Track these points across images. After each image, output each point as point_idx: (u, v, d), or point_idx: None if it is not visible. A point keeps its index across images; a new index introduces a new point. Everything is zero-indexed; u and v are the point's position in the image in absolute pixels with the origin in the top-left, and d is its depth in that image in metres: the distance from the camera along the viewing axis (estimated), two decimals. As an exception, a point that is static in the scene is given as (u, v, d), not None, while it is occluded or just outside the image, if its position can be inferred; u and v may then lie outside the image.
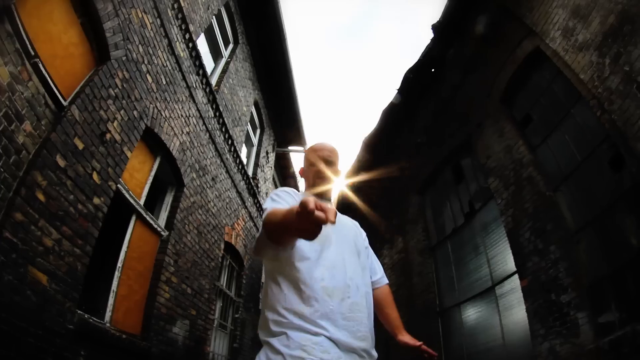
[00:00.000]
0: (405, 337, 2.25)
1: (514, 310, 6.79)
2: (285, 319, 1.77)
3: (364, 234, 2.46)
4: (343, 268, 1.95)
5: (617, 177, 5.41)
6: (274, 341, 1.74)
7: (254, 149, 12.45)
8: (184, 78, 6.75)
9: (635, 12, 4.75)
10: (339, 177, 2.31)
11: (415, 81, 9.21)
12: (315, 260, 1.90)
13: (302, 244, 1.90)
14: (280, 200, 2.01)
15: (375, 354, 1.93)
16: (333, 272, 1.90)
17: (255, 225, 11.40)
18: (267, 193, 13.57)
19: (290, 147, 15.76)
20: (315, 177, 2.27)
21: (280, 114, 13.92)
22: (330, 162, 2.27)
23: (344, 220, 2.31)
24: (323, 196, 2.28)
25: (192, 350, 6.82)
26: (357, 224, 2.46)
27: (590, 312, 5.30)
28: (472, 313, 7.89)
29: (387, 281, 2.52)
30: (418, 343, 2.21)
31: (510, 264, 7.06)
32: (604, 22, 5.18)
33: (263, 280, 12.03)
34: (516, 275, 6.81)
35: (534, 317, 6.14)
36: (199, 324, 7.10)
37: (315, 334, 1.72)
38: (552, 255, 6.08)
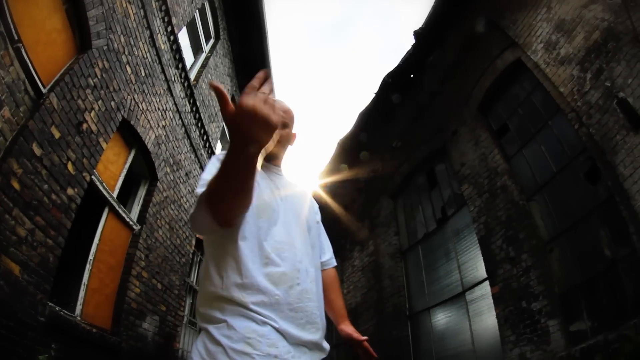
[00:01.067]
0: (349, 328, 2.04)
1: (484, 316, 6.86)
2: (227, 305, 1.52)
3: (316, 205, 2.17)
4: (292, 249, 1.69)
5: (593, 189, 5.50)
6: (214, 330, 1.49)
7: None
8: (163, 71, 6.65)
9: (621, 29, 4.82)
10: (292, 143, 2.02)
11: (394, 86, 9.22)
12: (260, 240, 1.63)
13: (247, 221, 1.62)
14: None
15: (326, 346, 1.73)
16: (281, 255, 1.64)
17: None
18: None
19: None
20: None
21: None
22: (283, 124, 1.90)
23: (294, 188, 1.99)
24: (271, 160, 1.96)
25: (162, 346, 6.70)
26: (307, 192, 2.13)
27: (562, 320, 5.38)
28: (442, 317, 7.93)
29: (335, 263, 2.23)
30: (362, 338, 2.00)
31: (481, 271, 7.13)
32: (588, 38, 5.26)
33: None
34: (487, 282, 6.88)
35: (505, 323, 6.19)
36: (168, 320, 7.00)
37: (262, 324, 1.48)
38: (524, 263, 6.15)
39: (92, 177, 4.74)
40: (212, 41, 9.85)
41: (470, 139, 7.90)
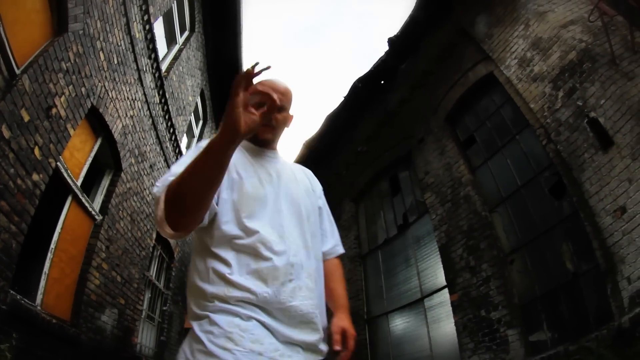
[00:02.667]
0: (343, 322, 1.71)
1: (443, 323, 6.91)
2: (211, 301, 1.40)
3: (318, 187, 1.99)
4: (285, 242, 1.54)
5: (557, 204, 5.61)
6: (196, 327, 1.38)
7: (195, 140, 11.91)
8: (135, 60, 6.46)
9: (598, 52, 4.94)
10: (289, 126, 1.87)
11: (363, 91, 9.20)
12: (248, 232, 1.49)
13: (232, 207, 1.53)
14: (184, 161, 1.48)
15: (324, 348, 1.55)
16: (272, 249, 1.48)
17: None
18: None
19: None
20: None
21: (224, 108, 13.31)
22: (280, 106, 1.69)
23: (292, 172, 1.84)
24: (265, 144, 1.79)
25: (120, 340, 6.53)
26: (309, 173, 2.01)
27: (522, 330, 5.47)
28: (400, 323, 7.95)
29: (341, 251, 2.00)
30: (349, 346, 1.64)
31: (440, 278, 7.19)
32: (563, 57, 5.37)
33: None
34: (446, 290, 6.94)
35: (463, 331, 6.26)
36: (127, 313, 6.79)
37: (247, 319, 1.36)
38: (484, 273, 6.23)
39: (58, 163, 4.54)
40: (186, 33, 9.62)
41: (436, 148, 7.95)
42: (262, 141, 1.76)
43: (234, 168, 1.61)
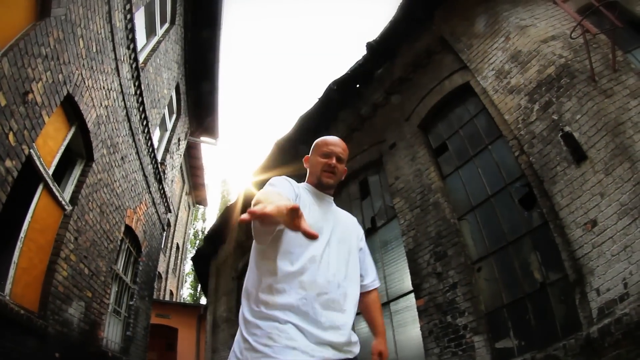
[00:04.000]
0: (380, 346, 2.25)
1: (409, 328, 6.92)
2: (259, 307, 1.76)
3: (361, 232, 2.39)
4: (327, 264, 1.91)
5: (527, 215, 5.68)
6: (245, 330, 1.76)
7: (167, 134, 11.71)
8: (114, 49, 6.31)
9: (578, 68, 5.03)
10: (343, 177, 2.30)
11: (338, 93, 9.15)
12: (299, 253, 1.85)
13: (291, 237, 1.87)
14: (276, 185, 1.99)
15: (356, 350, 1.91)
16: (314, 267, 1.85)
17: (157, 212, 10.79)
18: (173, 180, 12.94)
19: (202, 138, 15.03)
20: (323, 170, 2.19)
21: (199, 103, 13.36)
22: (341, 159, 2.23)
23: (342, 216, 2.29)
24: (325, 189, 2.22)
25: (87, 334, 6.44)
26: (356, 221, 2.42)
27: (488, 337, 5.51)
28: (365, 325, 7.84)
29: (377, 285, 2.41)
30: None
31: (407, 283, 7.19)
32: (542, 71, 5.44)
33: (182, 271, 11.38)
34: (412, 294, 6.94)
35: (429, 336, 6.27)
36: (94, 307, 6.63)
37: (284, 323, 1.70)
38: (450, 279, 6.25)
39: (31, 150, 4.39)
40: (166, 25, 9.42)
41: (407, 154, 7.96)
42: (325, 185, 2.20)
43: (305, 199, 2.06)
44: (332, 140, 2.28)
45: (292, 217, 1.36)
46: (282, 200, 1.54)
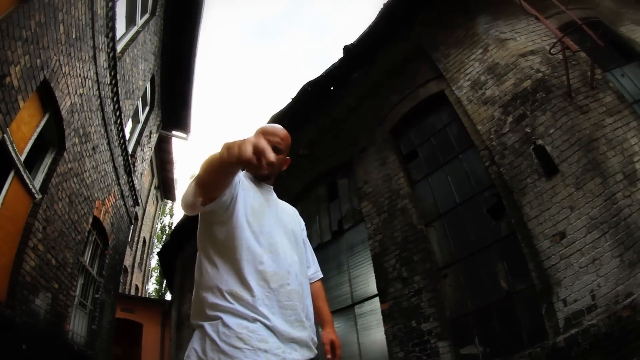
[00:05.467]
0: (331, 335, 2.15)
1: (373, 331, 6.88)
2: (222, 301, 1.69)
3: (302, 223, 2.38)
4: (283, 254, 1.88)
5: (495, 224, 5.71)
6: (208, 327, 1.65)
7: (139, 126, 11.38)
8: (93, 37, 6.15)
9: (555, 83, 5.09)
10: (284, 167, 2.25)
11: (312, 94, 9.06)
12: (254, 241, 1.82)
13: (242, 221, 1.82)
14: None
15: (314, 346, 1.87)
16: (273, 257, 1.83)
17: (125, 204, 10.47)
18: (142, 173, 12.61)
19: (174, 132, 14.69)
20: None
21: (172, 96, 13.03)
22: (278, 149, 2.11)
23: (285, 206, 2.29)
24: (264, 179, 2.17)
25: (53, 326, 6.30)
26: (296, 211, 2.40)
27: (453, 342, 5.52)
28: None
29: (321, 275, 2.44)
30: (337, 354, 2.11)
31: (372, 287, 7.15)
32: (518, 84, 5.49)
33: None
34: (377, 298, 6.90)
35: (393, 340, 6.24)
36: (60, 299, 6.43)
37: (253, 321, 1.65)
38: (416, 285, 6.25)
39: (5, 135, 4.22)
40: (147, 16, 9.21)
41: (377, 158, 7.94)
42: (261, 176, 2.14)
43: (247, 185, 1.98)
44: (272, 129, 2.18)
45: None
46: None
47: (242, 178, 1.97)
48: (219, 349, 1.56)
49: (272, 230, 1.91)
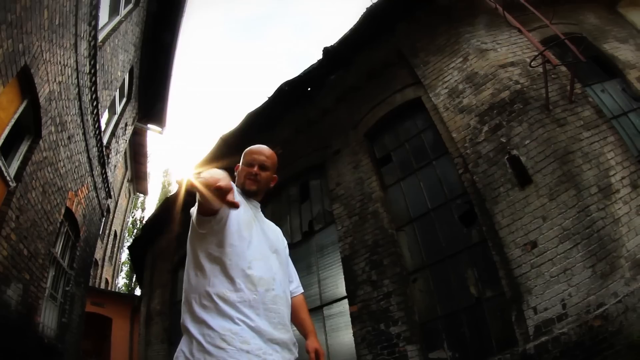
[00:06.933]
0: (315, 344, 2.22)
1: (341, 333, 6.82)
2: (209, 303, 1.80)
3: (285, 242, 2.48)
4: (269, 262, 2.03)
5: (466, 231, 5.72)
6: (194, 330, 1.76)
7: (115, 117, 11.00)
8: (75, 24, 5.93)
9: (533, 95, 5.13)
10: (271, 185, 2.38)
11: (289, 94, 8.95)
12: (244, 248, 1.94)
13: (233, 231, 1.96)
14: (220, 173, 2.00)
15: (295, 348, 1.97)
16: (260, 263, 1.96)
17: (97, 196, 10.11)
18: (116, 166, 12.25)
19: (149, 125, 14.27)
20: (246, 177, 2.28)
21: (150, 89, 12.65)
22: (264, 167, 2.28)
23: (269, 224, 2.40)
24: (251, 195, 2.30)
25: (24, 318, 6.13)
26: (280, 230, 2.52)
27: (421, 346, 5.50)
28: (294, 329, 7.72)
29: (302, 290, 2.51)
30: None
31: (341, 289, 7.09)
32: (495, 95, 5.52)
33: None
34: (346, 300, 6.85)
35: (361, 342, 6.19)
36: (31, 290, 6.23)
37: (237, 322, 1.75)
38: (385, 288, 6.21)
39: None
40: (130, 6, 8.94)
41: (350, 161, 7.88)
42: (248, 191, 2.27)
43: (238, 197, 2.11)
44: (257, 149, 2.35)
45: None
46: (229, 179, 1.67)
47: (235, 193, 2.06)
48: (205, 350, 1.69)
49: (260, 242, 2.06)
